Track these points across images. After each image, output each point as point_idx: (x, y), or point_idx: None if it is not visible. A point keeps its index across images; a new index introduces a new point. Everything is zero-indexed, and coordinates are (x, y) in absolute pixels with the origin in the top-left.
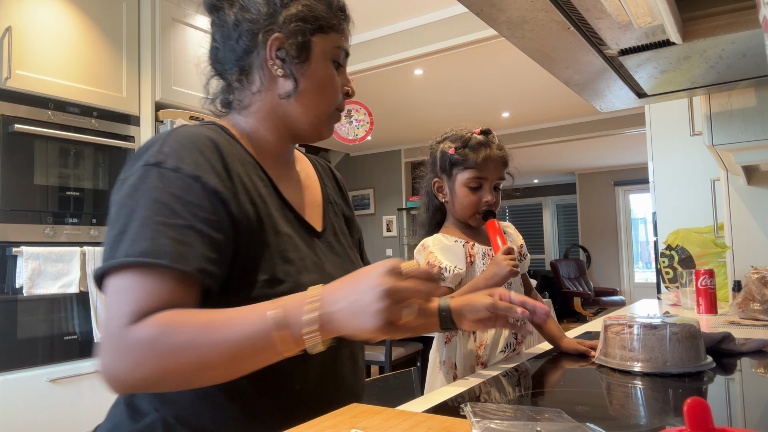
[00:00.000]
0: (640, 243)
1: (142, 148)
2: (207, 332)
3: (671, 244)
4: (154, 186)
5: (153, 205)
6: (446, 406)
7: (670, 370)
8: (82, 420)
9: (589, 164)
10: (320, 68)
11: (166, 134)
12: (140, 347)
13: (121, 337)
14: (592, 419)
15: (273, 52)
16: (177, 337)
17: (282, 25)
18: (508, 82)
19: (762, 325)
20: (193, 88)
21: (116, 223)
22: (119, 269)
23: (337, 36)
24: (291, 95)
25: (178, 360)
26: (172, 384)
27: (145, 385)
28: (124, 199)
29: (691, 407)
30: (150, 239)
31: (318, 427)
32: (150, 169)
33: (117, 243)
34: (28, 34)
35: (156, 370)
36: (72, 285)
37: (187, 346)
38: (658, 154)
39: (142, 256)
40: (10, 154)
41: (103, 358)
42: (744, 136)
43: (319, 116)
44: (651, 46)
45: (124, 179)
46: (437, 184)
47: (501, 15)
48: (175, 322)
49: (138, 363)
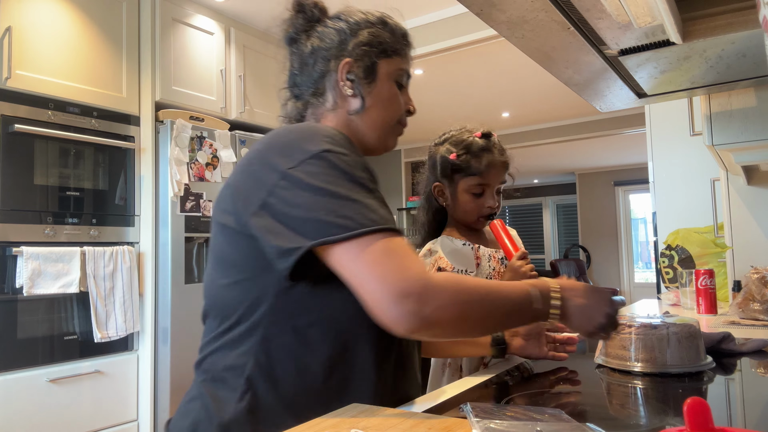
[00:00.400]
0: (640, 243)
1: (292, 141)
2: (494, 292)
3: (671, 244)
4: (341, 168)
5: (350, 184)
6: (446, 406)
7: (670, 370)
8: (82, 420)
9: (589, 164)
10: (385, 88)
11: (310, 127)
12: (447, 292)
13: (428, 281)
14: (592, 419)
15: (344, 74)
16: (473, 290)
17: (351, 51)
18: (508, 82)
19: (762, 325)
20: (193, 88)
21: (322, 203)
22: (371, 233)
23: (399, 59)
24: (359, 112)
25: (474, 308)
26: (462, 330)
27: (445, 323)
28: (319, 183)
29: (691, 407)
30: (373, 211)
31: (318, 427)
32: (326, 155)
33: (340, 216)
34: (28, 34)
35: (458, 312)
36: (72, 285)
37: (482, 298)
38: (658, 154)
39: (386, 223)
40: (10, 154)
41: (408, 298)
42: (744, 136)
43: (385, 129)
44: (651, 46)
45: (299, 167)
46: (438, 188)
47: (501, 15)
48: (465, 279)
49: (446, 303)
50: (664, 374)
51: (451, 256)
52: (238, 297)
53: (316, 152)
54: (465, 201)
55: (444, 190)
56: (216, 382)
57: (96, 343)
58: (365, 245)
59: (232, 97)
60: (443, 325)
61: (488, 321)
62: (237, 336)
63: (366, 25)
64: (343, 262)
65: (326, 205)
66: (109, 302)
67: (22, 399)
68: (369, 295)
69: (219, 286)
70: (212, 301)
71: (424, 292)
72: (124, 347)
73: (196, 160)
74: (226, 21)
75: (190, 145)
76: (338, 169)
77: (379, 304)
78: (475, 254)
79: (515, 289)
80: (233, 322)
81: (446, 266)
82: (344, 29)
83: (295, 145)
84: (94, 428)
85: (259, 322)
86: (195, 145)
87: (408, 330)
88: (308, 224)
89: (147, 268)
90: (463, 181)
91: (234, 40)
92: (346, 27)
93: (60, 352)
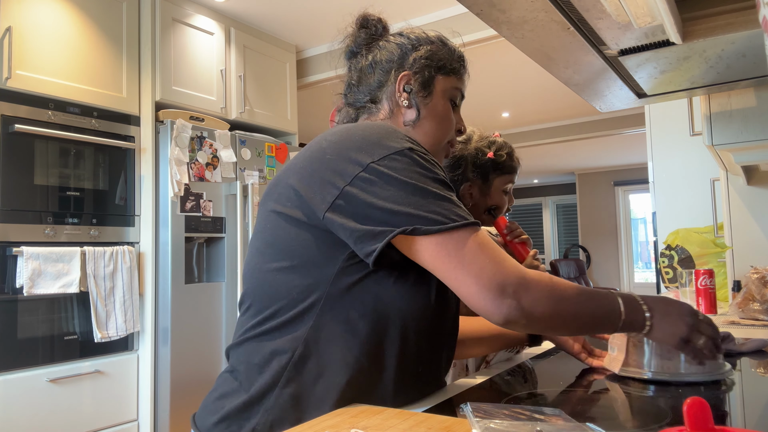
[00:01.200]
0: (640, 243)
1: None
2: (585, 293)
3: (671, 244)
4: (425, 166)
5: (434, 182)
6: (446, 406)
7: (685, 378)
8: (82, 420)
9: (589, 164)
10: (439, 103)
11: (384, 125)
12: (543, 288)
13: (525, 275)
14: (592, 419)
15: (401, 86)
16: (566, 290)
17: (411, 64)
18: (508, 82)
19: (762, 325)
20: (193, 88)
21: (410, 198)
22: (462, 228)
23: (455, 79)
24: (414, 122)
25: (566, 307)
26: (554, 325)
27: (539, 316)
28: (405, 178)
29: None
30: (459, 207)
31: (318, 426)
32: (410, 152)
33: (430, 211)
34: (28, 34)
35: (550, 309)
36: (72, 285)
37: (573, 299)
38: (658, 154)
39: (473, 219)
40: (10, 154)
41: (507, 289)
42: (744, 136)
43: (436, 145)
44: (651, 46)
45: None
46: (468, 187)
47: (501, 15)
48: (557, 279)
49: (540, 299)
50: (678, 382)
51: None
52: (291, 282)
53: (400, 149)
54: (498, 199)
55: (473, 191)
56: (256, 366)
57: (96, 343)
58: (459, 240)
59: (232, 97)
60: (538, 317)
61: (578, 320)
62: (285, 321)
63: (426, 42)
64: (436, 254)
65: (413, 199)
66: (109, 302)
67: (22, 399)
68: (465, 286)
69: (267, 271)
70: (257, 285)
71: (521, 286)
72: (124, 347)
73: (196, 160)
74: (226, 21)
75: (190, 145)
76: (423, 167)
77: (478, 297)
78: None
79: (604, 294)
80: (281, 306)
81: None
82: (405, 44)
83: (376, 141)
84: (94, 428)
85: (311, 309)
86: (195, 145)
87: (507, 320)
88: (397, 216)
89: (147, 268)
90: (498, 180)
91: (234, 40)
92: (407, 42)
93: (60, 352)
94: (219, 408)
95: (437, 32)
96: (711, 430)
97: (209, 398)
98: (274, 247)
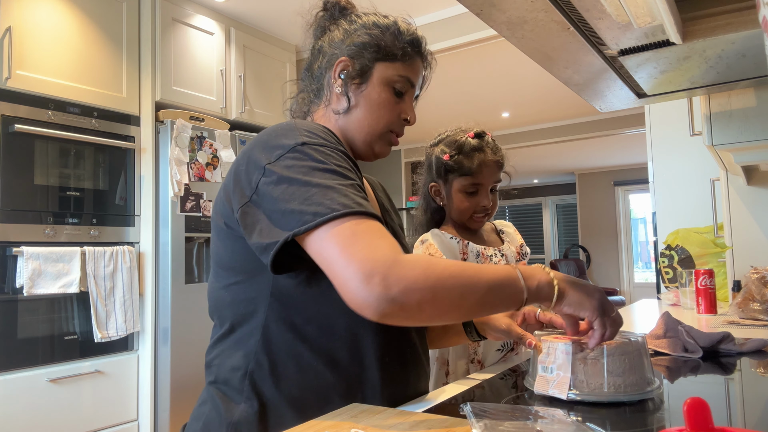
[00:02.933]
0: (640, 243)
1: (272, 138)
2: (467, 270)
3: (671, 244)
4: (316, 159)
5: (324, 173)
6: (446, 406)
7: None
8: (82, 420)
9: (589, 164)
10: (375, 92)
11: (291, 124)
12: (416, 270)
13: (396, 260)
14: (592, 419)
15: (337, 72)
16: (444, 269)
17: (348, 50)
18: (508, 82)
19: (762, 325)
20: (193, 88)
21: (296, 194)
22: (341, 217)
23: (401, 66)
24: (343, 112)
25: (446, 285)
26: (437, 313)
27: (414, 305)
28: (293, 175)
29: (691, 407)
30: (345, 196)
31: (318, 426)
32: (302, 147)
33: (313, 204)
34: (28, 34)
35: (429, 290)
36: (72, 285)
37: (455, 275)
38: (657, 154)
39: (359, 207)
40: (10, 154)
41: (373, 278)
42: (744, 136)
43: (371, 135)
44: (651, 46)
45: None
46: (434, 188)
47: (501, 15)
48: (437, 260)
49: (415, 283)
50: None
51: (440, 247)
52: (235, 299)
53: (293, 146)
54: (459, 200)
55: (440, 190)
56: (223, 384)
57: (96, 343)
58: (334, 228)
59: (232, 97)
60: (413, 307)
61: (464, 302)
62: (238, 338)
63: (372, 27)
64: (315, 248)
65: (300, 194)
66: (109, 302)
67: (22, 399)
68: (337, 278)
69: (217, 289)
70: (213, 304)
71: (390, 272)
72: (124, 347)
73: (196, 160)
74: (226, 21)
75: (190, 145)
76: (313, 159)
77: (346, 287)
78: (461, 249)
79: (498, 268)
80: (233, 324)
81: (437, 254)
82: (348, 29)
83: (274, 141)
84: (94, 428)
85: (258, 322)
86: (195, 145)
87: (377, 313)
88: (286, 216)
89: (147, 268)
90: (456, 181)
91: (234, 40)
92: (350, 27)
93: (60, 352)
94: (195, 430)
95: (395, 17)
96: (711, 430)
97: (190, 419)
98: (220, 264)
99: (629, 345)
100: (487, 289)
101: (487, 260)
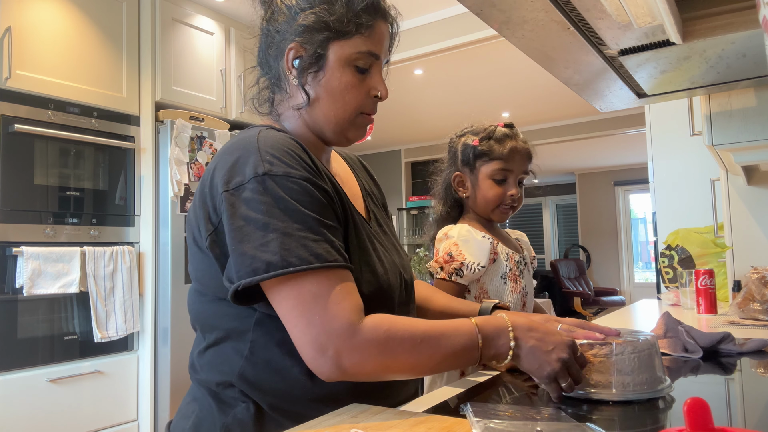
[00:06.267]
0: (640, 243)
1: (234, 161)
2: (427, 341)
3: (671, 244)
4: (278, 196)
5: (284, 215)
6: (446, 406)
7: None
8: (82, 420)
9: (589, 164)
10: (335, 77)
11: (254, 143)
12: (371, 346)
13: (352, 335)
14: (592, 419)
15: (290, 62)
16: (401, 342)
17: (298, 34)
18: (508, 82)
19: (762, 325)
20: (193, 88)
21: (253, 235)
22: (299, 275)
23: (360, 40)
24: (304, 107)
25: (400, 360)
26: (389, 375)
27: (365, 374)
28: (252, 213)
29: (691, 407)
30: (303, 246)
31: (318, 427)
32: (264, 179)
33: (268, 252)
34: (28, 34)
35: (380, 366)
36: (72, 285)
37: (411, 350)
38: (657, 154)
39: (317, 261)
40: (10, 154)
41: (327, 352)
42: (744, 136)
43: (340, 124)
44: (651, 46)
45: (235, 192)
46: (458, 178)
47: (501, 15)
48: (396, 328)
49: (367, 359)
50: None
51: (465, 245)
52: (220, 313)
53: (252, 176)
54: (487, 188)
55: (464, 180)
56: (213, 391)
57: (96, 343)
58: (291, 287)
59: (232, 97)
60: (365, 375)
61: (417, 369)
62: (223, 351)
63: (317, 3)
64: (272, 298)
65: (256, 237)
66: (109, 302)
67: (22, 399)
68: (295, 339)
69: (201, 302)
70: (195, 315)
71: (345, 346)
72: (124, 347)
73: (196, 160)
74: (226, 21)
75: (190, 145)
76: (274, 196)
77: (302, 351)
78: (492, 249)
79: (459, 331)
80: (218, 337)
81: (459, 256)
82: (293, 6)
83: (235, 166)
84: (94, 428)
85: (243, 337)
86: (195, 145)
87: (328, 378)
88: (240, 258)
89: (147, 268)
90: (485, 167)
91: (234, 40)
92: (296, 4)
93: (60, 352)
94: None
95: None
96: (711, 430)
97: (177, 415)
98: (200, 278)
99: (639, 344)
100: (441, 359)
101: (514, 266)
